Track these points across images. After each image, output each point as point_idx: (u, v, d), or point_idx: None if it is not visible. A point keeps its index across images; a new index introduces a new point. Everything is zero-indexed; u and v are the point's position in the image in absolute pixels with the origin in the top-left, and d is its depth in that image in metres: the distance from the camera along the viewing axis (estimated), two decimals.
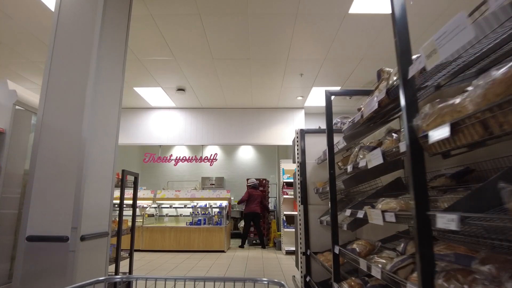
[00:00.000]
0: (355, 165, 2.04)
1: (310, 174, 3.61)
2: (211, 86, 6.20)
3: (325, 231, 3.49)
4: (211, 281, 1.34)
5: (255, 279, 1.33)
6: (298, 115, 7.45)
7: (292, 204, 7.15)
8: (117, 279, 1.48)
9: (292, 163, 7.45)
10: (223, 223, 7.15)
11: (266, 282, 1.29)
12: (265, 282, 1.29)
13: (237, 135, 7.38)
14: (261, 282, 1.31)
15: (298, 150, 3.67)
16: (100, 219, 2.78)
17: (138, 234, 7.04)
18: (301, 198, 3.55)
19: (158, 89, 6.37)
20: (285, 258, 6.16)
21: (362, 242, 2.02)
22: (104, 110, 2.85)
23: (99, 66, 2.74)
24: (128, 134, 7.43)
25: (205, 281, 1.37)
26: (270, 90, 6.40)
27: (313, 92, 6.48)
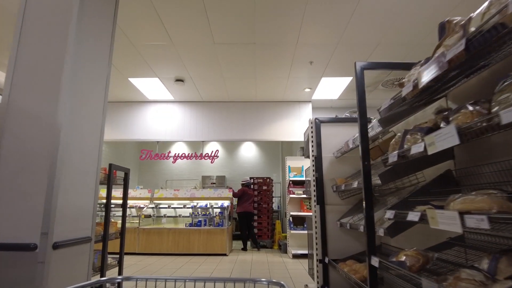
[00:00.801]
0: (402, 152, 1.58)
1: (327, 169, 3.14)
2: (212, 76, 5.73)
3: (345, 235, 3.03)
4: (211, 281, 1.35)
5: (255, 280, 1.34)
6: (305, 109, 6.98)
7: (299, 204, 6.68)
8: (118, 280, 1.46)
9: (298, 160, 7.04)
10: (225, 224, 6.68)
11: (266, 282, 1.31)
12: (264, 282, 1.30)
13: (240, 130, 6.91)
14: (260, 282, 1.32)
15: (312, 143, 3.21)
16: (80, 222, 2.31)
17: (134, 236, 6.57)
18: (317, 197, 3.08)
19: (155, 80, 5.90)
20: (292, 263, 5.69)
21: (412, 253, 1.55)
22: (86, 92, 2.38)
23: (79, 40, 2.28)
24: (123, 130, 6.97)
25: (205, 281, 1.38)
26: (276, 80, 5.93)
27: (322, 83, 6.01)
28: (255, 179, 7.90)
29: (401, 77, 5.81)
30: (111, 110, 7.06)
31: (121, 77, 5.77)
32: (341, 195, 3.00)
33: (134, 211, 7.57)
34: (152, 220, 7.40)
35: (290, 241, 6.59)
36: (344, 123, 3.23)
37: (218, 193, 7.24)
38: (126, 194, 3.09)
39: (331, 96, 6.70)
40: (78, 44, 2.28)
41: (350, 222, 2.68)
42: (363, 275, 2.22)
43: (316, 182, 3.12)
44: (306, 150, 3.69)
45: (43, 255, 1.90)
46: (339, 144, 3.16)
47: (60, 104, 2.08)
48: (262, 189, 7.84)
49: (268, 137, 6.90)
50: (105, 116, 2.68)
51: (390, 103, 1.76)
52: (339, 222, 2.93)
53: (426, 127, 1.52)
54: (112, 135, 6.94)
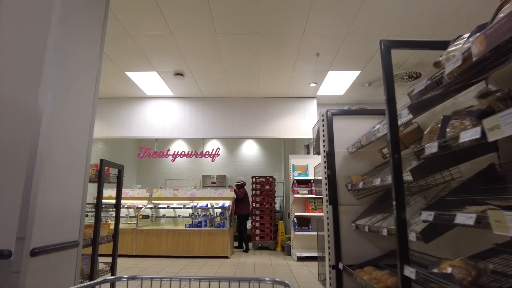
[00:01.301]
0: (445, 142, 1.30)
1: (340, 166, 2.87)
2: (213, 69, 5.46)
3: (360, 238, 2.75)
4: (216, 280, 1.36)
5: (259, 279, 1.35)
6: (309, 105, 6.71)
7: (303, 204, 6.41)
8: (123, 279, 1.45)
9: (302, 158, 6.77)
10: (226, 225, 6.41)
11: (270, 282, 1.32)
12: (269, 282, 1.31)
13: (242, 127, 6.64)
14: (264, 282, 1.33)
15: (324, 137, 2.93)
16: (65, 224, 2.04)
17: (132, 237, 6.30)
18: (329, 197, 2.81)
19: (153, 74, 5.63)
20: (297, 266, 5.42)
21: (460, 263, 1.27)
22: (74, 79, 2.11)
23: (65, 21, 2.01)
24: (121, 127, 6.69)
25: (210, 280, 1.40)
26: (280, 74, 5.66)
27: (328, 77, 5.74)
28: (257, 178, 7.63)
29: (412, 71, 5.55)
30: (108, 106, 6.79)
31: (118, 70, 5.49)
32: (357, 194, 2.73)
33: (132, 212, 7.30)
34: (150, 221, 7.13)
35: (294, 243, 6.32)
36: (358, 116, 2.96)
37: (219, 193, 6.97)
38: (120, 193, 2.81)
39: (337, 91, 6.43)
40: (63, 25, 2.01)
41: (367, 224, 2.41)
42: (387, 285, 1.95)
43: (328, 180, 2.85)
44: (315, 146, 3.41)
45: (19, 264, 1.63)
46: (353, 138, 2.89)
47: (41, 91, 1.82)
48: (265, 188, 7.56)
49: (271, 134, 6.63)
50: (96, 107, 2.42)
51: (426, 84, 1.49)
52: (354, 224, 2.66)
53: (477, 110, 1.25)
54: (109, 132, 6.67)
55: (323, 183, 2.92)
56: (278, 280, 1.31)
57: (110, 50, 4.77)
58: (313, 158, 6.61)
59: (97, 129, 6.70)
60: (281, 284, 1.28)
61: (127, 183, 9.46)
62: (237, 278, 1.35)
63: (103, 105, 6.79)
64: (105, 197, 7.15)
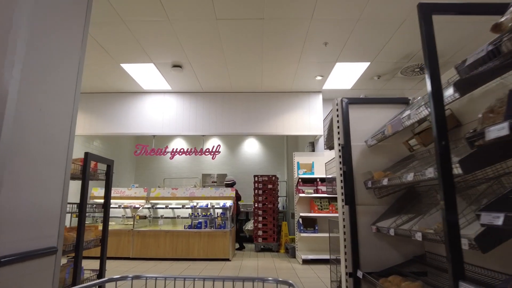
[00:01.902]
0: None
1: (357, 162, 2.55)
2: (213, 60, 5.14)
3: (380, 242, 2.44)
4: (220, 280, 1.38)
5: (263, 279, 1.39)
6: (315, 100, 6.39)
7: (309, 204, 6.10)
8: (128, 278, 1.48)
9: (307, 156, 6.44)
10: (228, 226, 6.09)
11: (274, 281, 1.33)
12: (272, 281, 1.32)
13: (244, 124, 6.33)
14: (268, 282, 1.35)
15: (339, 129, 2.62)
16: (42, 227, 1.73)
17: (128, 239, 5.99)
18: (346, 196, 2.49)
19: (150, 66, 5.31)
20: (303, 269, 5.10)
21: None
22: (51, 58, 1.80)
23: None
24: (117, 123, 6.38)
25: (214, 280, 1.40)
26: (285, 66, 5.34)
27: (336, 69, 5.42)
28: (259, 177, 7.31)
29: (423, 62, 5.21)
30: (104, 101, 6.47)
31: (113, 62, 5.18)
32: (378, 193, 2.41)
33: (129, 212, 6.99)
34: (148, 222, 6.82)
35: (299, 245, 6.01)
36: (378, 105, 2.65)
37: (220, 192, 6.66)
38: (109, 191, 2.49)
39: (344, 85, 6.11)
40: (38, 4, 1.70)
41: (392, 226, 2.09)
42: None
43: (343, 177, 2.53)
44: (327, 140, 3.10)
45: None
46: (372, 130, 2.58)
47: (7, 66, 1.50)
48: (267, 188, 7.25)
49: (274, 131, 6.31)
50: (79, 95, 2.10)
51: (488, 49, 1.17)
52: (375, 226, 2.34)
53: None
54: (104, 129, 6.36)
55: (337, 180, 2.60)
56: (282, 280, 1.34)
57: (103, 40, 4.46)
58: (318, 156, 6.29)
59: (92, 125, 6.39)
60: (285, 283, 1.30)
61: (125, 182, 9.14)
62: (241, 277, 1.39)
63: (98, 100, 6.47)
64: (101, 196, 6.85)
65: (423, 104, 1.70)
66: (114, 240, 5.99)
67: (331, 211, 5.64)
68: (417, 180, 1.68)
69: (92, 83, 6.02)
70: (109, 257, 5.99)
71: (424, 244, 2.43)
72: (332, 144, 2.97)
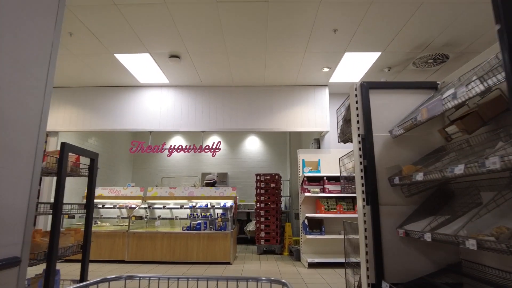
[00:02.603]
0: None
1: (380, 155, 2.21)
2: (214, 50, 4.80)
3: (407, 248, 2.10)
4: (214, 280, 1.38)
5: (257, 278, 1.37)
6: (321, 94, 6.05)
7: (314, 204, 5.76)
8: (122, 278, 1.47)
9: (313, 153, 6.08)
10: (228, 227, 5.75)
11: (268, 281, 1.33)
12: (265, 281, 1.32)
13: (246, 119, 5.99)
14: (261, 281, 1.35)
15: (358, 117, 2.27)
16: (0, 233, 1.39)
17: (123, 241, 5.64)
18: (367, 194, 2.15)
19: (146, 57, 4.97)
20: (309, 274, 4.76)
21: None
22: (14, 24, 1.46)
23: None
24: (112, 118, 6.04)
25: (208, 280, 1.40)
26: (290, 56, 5.00)
27: (344, 60, 5.08)
28: (261, 175, 6.97)
29: (438, 53, 4.88)
30: (97, 95, 6.13)
31: (106, 52, 4.83)
32: (408, 191, 2.07)
33: (125, 212, 6.64)
34: (145, 223, 6.47)
35: (304, 247, 5.67)
36: (403, 90, 2.30)
37: (220, 192, 6.31)
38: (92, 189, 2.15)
39: (352, 78, 5.76)
40: None
41: (427, 230, 1.75)
42: None
43: (364, 173, 2.19)
44: (342, 132, 2.76)
45: None
46: (396, 119, 2.24)
47: None
48: (270, 187, 6.91)
49: (278, 127, 5.97)
50: (54, 68, 1.75)
51: None
52: (402, 230, 2.00)
53: None
54: (98, 125, 6.02)
55: (357, 177, 2.26)
56: (274, 279, 1.33)
57: (94, 26, 4.12)
58: (325, 153, 5.95)
59: (85, 121, 6.04)
60: (279, 283, 1.30)
61: (122, 182, 8.80)
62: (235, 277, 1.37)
63: (92, 95, 6.13)
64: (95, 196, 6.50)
65: (476, 79, 1.35)
66: (108, 242, 5.65)
67: (339, 211, 5.30)
68: (470, 173, 1.34)
69: (84, 75, 5.67)
70: (102, 260, 5.65)
71: (459, 251, 2.09)
72: (348, 137, 2.63)
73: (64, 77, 5.70)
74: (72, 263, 5.44)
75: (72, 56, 4.91)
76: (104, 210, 6.63)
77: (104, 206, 6.45)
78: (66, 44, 4.55)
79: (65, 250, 1.88)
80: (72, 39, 4.43)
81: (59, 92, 6.16)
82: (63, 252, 1.85)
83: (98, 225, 6.26)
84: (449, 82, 2.20)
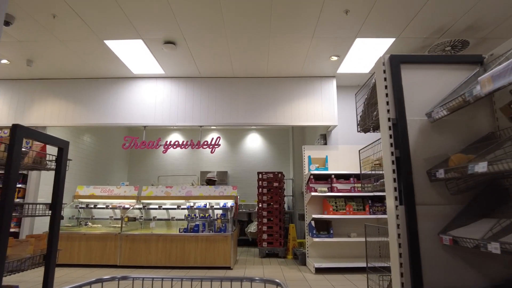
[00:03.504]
0: None
1: (415, 144, 1.80)
2: (213, 36, 4.39)
3: (452, 258, 1.69)
4: (208, 280, 1.43)
5: (251, 278, 1.41)
6: (327, 87, 5.64)
7: (321, 205, 5.35)
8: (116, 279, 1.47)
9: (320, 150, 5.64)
10: (229, 229, 5.34)
11: (262, 282, 1.35)
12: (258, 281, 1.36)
13: (247, 114, 5.58)
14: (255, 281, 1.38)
15: (387, 98, 1.86)
16: None
17: (115, 244, 5.24)
18: (401, 192, 1.74)
19: (139, 43, 4.56)
20: (317, 280, 4.35)
21: None
22: None
23: None
24: (103, 113, 5.63)
25: (202, 280, 1.44)
26: (296, 42, 4.59)
27: (355, 47, 4.67)
28: (263, 174, 6.56)
29: (457, 39, 4.47)
30: (88, 88, 5.72)
31: (95, 39, 4.42)
32: (455, 186, 1.66)
33: (118, 213, 6.23)
34: (139, 224, 6.07)
35: (311, 251, 5.26)
36: (441, 65, 1.90)
37: (220, 191, 5.90)
38: (60, 186, 1.73)
39: (362, 68, 5.36)
40: None
41: (488, 238, 1.34)
42: None
43: (397, 165, 1.78)
44: (364, 119, 2.35)
45: None
46: (433, 99, 1.83)
47: None
48: (273, 186, 6.50)
49: (281, 121, 5.56)
50: None
51: None
52: (448, 236, 1.59)
53: None
54: (89, 120, 5.61)
55: (387, 171, 1.85)
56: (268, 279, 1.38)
57: (81, 9, 3.70)
58: (332, 150, 5.55)
59: (74, 115, 5.63)
60: (272, 283, 1.35)
61: (117, 180, 8.39)
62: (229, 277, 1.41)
63: (81, 87, 5.72)
64: (86, 195, 6.11)
65: None
66: (99, 245, 5.24)
67: (348, 212, 4.89)
68: None
69: (73, 65, 5.26)
70: (92, 265, 5.25)
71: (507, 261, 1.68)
72: (371, 124, 2.22)
73: (51, 67, 5.29)
74: (62, 268, 5.03)
75: (57, 42, 4.50)
76: (96, 211, 6.22)
77: (96, 206, 6.05)
78: (49, 27, 4.13)
79: (21, 263, 1.46)
80: (56, 22, 4.02)
81: (47, 84, 5.75)
82: (18, 265, 1.43)
83: (88, 227, 5.85)
84: (499, 54, 1.79)
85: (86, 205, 6.11)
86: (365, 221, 5.30)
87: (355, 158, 5.50)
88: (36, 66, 5.25)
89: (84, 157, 6.84)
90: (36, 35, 4.29)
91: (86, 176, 6.94)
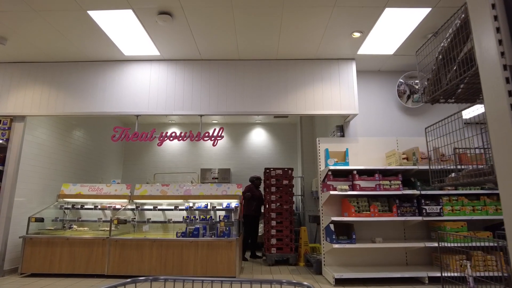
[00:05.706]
0: None
1: None
2: (216, 8, 3.70)
3: None
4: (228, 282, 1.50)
5: (280, 281, 1.44)
6: (346, 70, 4.96)
7: (339, 205, 4.67)
8: (150, 280, 1.61)
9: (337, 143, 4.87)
10: (233, 233, 4.65)
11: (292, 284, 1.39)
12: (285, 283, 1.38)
13: (254, 101, 4.90)
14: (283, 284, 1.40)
15: (500, 34, 1.18)
16: None
17: (103, 251, 4.56)
18: None
19: (128, 14, 3.87)
20: None
21: None
22: None
23: None
24: (91, 100, 4.94)
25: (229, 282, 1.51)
26: (313, 16, 3.91)
27: (382, 20, 3.98)
28: (271, 170, 5.88)
29: None
30: (73, 72, 5.04)
31: (77, 8, 3.74)
32: None
33: (108, 214, 5.55)
34: (131, 227, 5.39)
35: (328, 258, 4.57)
36: None
37: (223, 190, 5.22)
38: None
39: (386, 50, 4.67)
40: None
41: None
42: None
43: None
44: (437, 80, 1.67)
45: None
46: None
47: None
48: (282, 184, 5.82)
49: (293, 110, 4.87)
50: None
51: None
52: None
53: None
54: (74, 108, 4.93)
55: (498, 148, 1.16)
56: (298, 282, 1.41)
57: None
58: (352, 142, 4.86)
59: (58, 103, 4.95)
60: (304, 286, 1.36)
61: (110, 179, 7.70)
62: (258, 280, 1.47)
63: (66, 71, 5.04)
64: (72, 195, 5.41)
65: None
66: (84, 252, 4.56)
67: (373, 214, 4.20)
68: None
69: (55, 45, 4.58)
70: (76, 275, 4.57)
71: None
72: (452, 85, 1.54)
73: (29, 46, 4.61)
74: (41, 278, 4.34)
75: (32, 12, 3.81)
76: (83, 212, 5.54)
77: (83, 207, 5.37)
78: None
79: None
80: None
81: (26, 68, 5.06)
82: None
83: (73, 230, 5.16)
84: None
85: (72, 206, 5.44)
86: (392, 224, 4.62)
87: (378, 151, 4.82)
88: (12, 45, 4.57)
89: (71, 152, 6.17)
90: (5, 3, 3.60)
91: (74, 173, 6.26)
